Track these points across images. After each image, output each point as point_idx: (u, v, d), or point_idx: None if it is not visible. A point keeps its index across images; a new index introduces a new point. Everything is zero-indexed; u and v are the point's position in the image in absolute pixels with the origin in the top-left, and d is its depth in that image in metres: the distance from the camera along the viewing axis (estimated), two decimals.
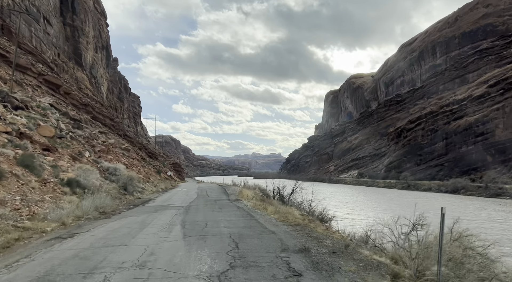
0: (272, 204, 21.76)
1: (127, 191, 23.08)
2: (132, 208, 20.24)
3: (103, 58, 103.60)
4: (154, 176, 44.16)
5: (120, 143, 42.01)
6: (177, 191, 36.37)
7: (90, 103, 54.15)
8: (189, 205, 21.91)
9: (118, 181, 22.61)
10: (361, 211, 41.61)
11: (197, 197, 28.24)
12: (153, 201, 24.22)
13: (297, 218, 15.68)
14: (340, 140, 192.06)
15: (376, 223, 17.45)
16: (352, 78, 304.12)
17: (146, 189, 30.74)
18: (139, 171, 36.07)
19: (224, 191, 34.58)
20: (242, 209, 20.27)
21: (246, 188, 36.98)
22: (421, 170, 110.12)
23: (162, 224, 14.30)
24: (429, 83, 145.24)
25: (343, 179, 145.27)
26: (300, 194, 25.30)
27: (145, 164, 49.53)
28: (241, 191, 29.72)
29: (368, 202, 55.90)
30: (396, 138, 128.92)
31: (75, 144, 21.62)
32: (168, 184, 45.33)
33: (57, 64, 64.98)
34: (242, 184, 39.16)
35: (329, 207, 25.25)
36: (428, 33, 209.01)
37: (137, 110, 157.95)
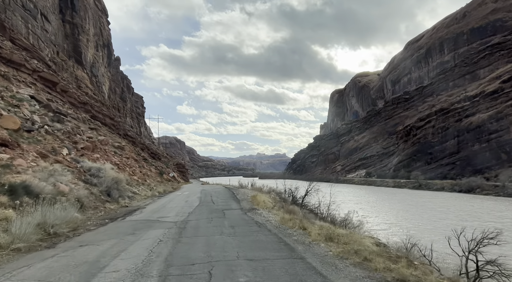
0: (300, 215, 16.67)
1: (111, 196, 18.89)
2: (106, 223, 14.62)
3: (105, 56, 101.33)
4: (153, 178, 40.92)
5: (115, 141, 38.84)
6: (177, 196, 30.92)
7: (89, 102, 51.92)
8: (186, 220, 15.46)
9: (101, 184, 18.54)
10: (388, 214, 38.99)
11: (199, 204, 21.96)
12: (141, 210, 18.91)
13: (378, 255, 8.62)
14: (347, 139, 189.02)
15: (419, 231, 14.60)
16: (357, 76, 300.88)
17: (139, 193, 26.45)
18: (133, 172, 32.89)
19: (232, 195, 28.60)
20: (266, 227, 13.29)
21: (257, 191, 32.87)
22: (432, 169, 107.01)
23: (123, 274, 7.49)
24: (438, 80, 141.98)
25: (350, 179, 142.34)
26: (316, 196, 22.75)
27: (147, 164, 47.22)
28: (254, 196, 24.05)
29: (387, 204, 53.17)
30: (405, 136, 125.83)
31: (49, 139, 18.87)
32: (168, 187, 41.39)
33: (56, 62, 62.86)
34: (250, 185, 36.35)
35: (349, 209, 22.59)
36: (435, 30, 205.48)
37: (140, 110, 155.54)
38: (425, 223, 32.80)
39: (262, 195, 25.78)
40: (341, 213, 21.42)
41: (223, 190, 37.47)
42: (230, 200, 25.23)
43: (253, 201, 22.36)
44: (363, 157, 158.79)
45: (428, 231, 27.09)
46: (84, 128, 29.74)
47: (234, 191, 33.12)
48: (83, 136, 24.94)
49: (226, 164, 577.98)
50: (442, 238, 23.08)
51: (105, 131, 43.98)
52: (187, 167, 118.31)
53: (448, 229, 31.02)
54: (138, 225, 14.05)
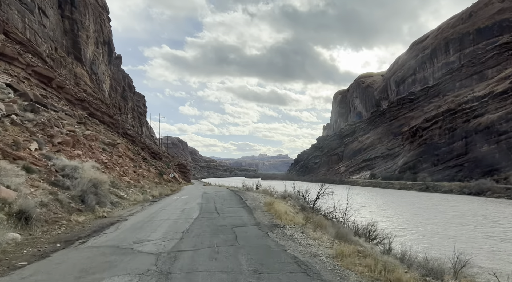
0: (352, 240, 11.83)
1: (86, 203, 14.74)
2: (52, 251, 9.33)
3: (105, 54, 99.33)
4: (151, 179, 38.28)
5: (108, 137, 36.18)
6: (173, 201, 25.23)
7: (87, 99, 50.00)
8: (176, 250, 9.71)
9: (74, 187, 14.75)
10: (402, 219, 36.77)
11: (199, 215, 16.36)
12: (118, 225, 13.62)
13: None
14: (351, 140, 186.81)
15: (443, 239, 12.61)
16: (361, 77, 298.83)
17: (127, 198, 22.07)
18: (124, 172, 29.41)
19: (240, 201, 23.42)
20: (320, 275, 7.41)
21: (267, 194, 28.55)
22: (439, 171, 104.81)
23: None
24: (444, 81, 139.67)
25: (355, 180, 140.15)
26: (330, 200, 20.74)
27: (146, 164, 45.28)
28: (270, 204, 18.98)
29: (398, 207, 50.97)
30: (411, 137, 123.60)
31: (16, 130, 16.33)
32: (166, 189, 37.33)
33: (54, 59, 61.02)
34: (255, 186, 34.02)
35: (360, 213, 20.54)
36: (441, 30, 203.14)
37: (142, 110, 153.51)
38: (444, 228, 30.72)
39: (279, 202, 20.58)
40: (355, 217, 19.39)
41: (227, 193, 31.98)
42: (238, 208, 19.74)
43: (270, 210, 17.47)
44: (367, 158, 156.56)
45: (452, 238, 24.97)
46: (69, 121, 27.10)
47: (240, 195, 28.61)
48: (62, 129, 21.77)
49: (228, 164, 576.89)
50: (478, 250, 21.11)
51: (101, 129, 42.09)
52: (188, 167, 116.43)
53: (472, 236, 29.04)
54: (95, 262, 8.31)
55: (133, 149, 49.92)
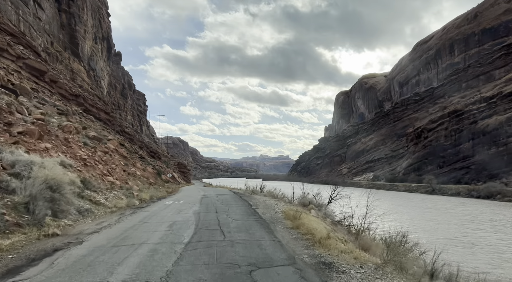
0: None
1: (32, 213, 10.44)
2: None
3: (104, 50, 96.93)
4: (144, 179, 34.52)
5: (96, 131, 33.03)
6: (164, 207, 19.90)
7: (82, 94, 47.83)
8: None
9: (22, 190, 10.80)
10: (417, 225, 34.47)
11: (193, 237, 10.88)
12: (54, 258, 8.14)
13: None
14: (353, 141, 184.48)
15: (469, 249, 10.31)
16: (364, 78, 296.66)
17: (104, 204, 17.44)
18: (109, 171, 25.16)
19: (249, 209, 18.15)
20: None
21: (279, 199, 23.69)
22: (444, 173, 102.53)
23: None
24: (450, 81, 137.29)
25: (358, 182, 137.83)
26: (339, 203, 18.55)
27: (143, 163, 43.12)
28: (296, 218, 13.70)
29: (408, 211, 48.63)
30: (416, 139, 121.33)
31: None
32: (161, 190, 33.24)
33: (50, 53, 58.88)
34: (259, 188, 31.41)
35: (374, 218, 18.33)
36: (445, 31, 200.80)
37: (142, 108, 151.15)
38: (461, 234, 28.48)
39: (307, 215, 15.15)
40: (372, 224, 17.17)
41: (231, 196, 26.92)
42: (250, 221, 14.15)
43: (299, 227, 12.14)
44: (370, 159, 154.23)
45: (473, 247, 22.73)
46: (51, 111, 24.25)
47: (247, 199, 23.55)
48: (27, 116, 18.71)
49: (229, 165, 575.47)
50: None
51: (97, 126, 39.89)
52: (189, 167, 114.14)
53: (493, 243, 26.80)
54: None
55: (130, 147, 47.74)
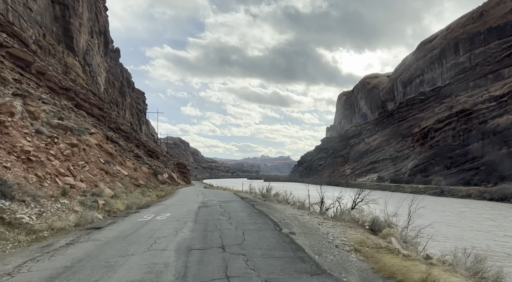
0: None
1: None
2: None
3: (101, 45, 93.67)
4: (129, 180, 29.51)
5: (76, 123, 29.16)
6: (132, 230, 12.92)
7: (74, 88, 44.77)
8: None
9: None
10: (446, 234, 31.30)
11: None
12: None
13: None
14: (357, 142, 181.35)
15: None
16: (366, 78, 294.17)
17: (29, 224, 11.05)
18: (70, 170, 19.28)
19: (279, 235, 11.59)
20: None
21: (321, 215, 16.61)
22: (452, 174, 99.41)
23: None
24: (457, 80, 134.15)
25: (362, 183, 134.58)
26: (369, 209, 15.52)
27: (138, 162, 40.10)
28: (393, 268, 7.42)
29: (424, 213, 45.42)
30: (422, 139, 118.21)
31: None
32: (149, 195, 27.96)
33: (42, 46, 55.88)
34: (265, 189, 27.84)
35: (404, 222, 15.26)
36: (450, 30, 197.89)
37: (142, 107, 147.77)
38: (493, 242, 25.35)
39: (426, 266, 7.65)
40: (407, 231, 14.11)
41: (240, 206, 20.26)
42: (283, 256, 8.73)
43: None
44: (374, 160, 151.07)
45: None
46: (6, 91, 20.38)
47: (267, 212, 16.73)
48: None
49: (230, 165, 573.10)
50: None
51: (81, 120, 36.81)
52: (188, 167, 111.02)
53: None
54: None
55: (125, 145, 44.71)
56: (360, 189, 17.42)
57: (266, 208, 17.74)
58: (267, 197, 25.28)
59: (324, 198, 18.79)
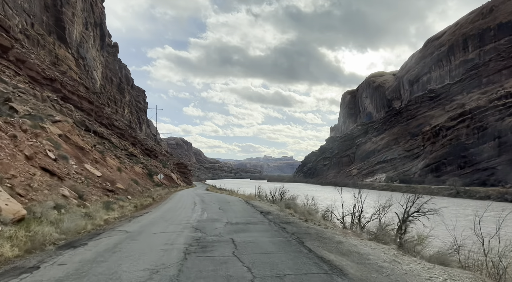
0: None
1: None
2: None
3: (97, 37, 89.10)
4: (94, 184, 22.39)
5: (31, 103, 24.56)
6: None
7: (60, 79, 40.54)
8: None
9: None
10: None
11: None
12: None
13: None
14: (363, 141, 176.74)
15: None
16: (372, 77, 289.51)
17: None
18: None
19: None
20: None
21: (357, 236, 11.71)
22: (466, 174, 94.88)
23: None
24: (468, 77, 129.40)
25: (370, 184, 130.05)
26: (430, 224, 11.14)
27: (130, 162, 35.89)
28: None
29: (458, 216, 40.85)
30: (433, 138, 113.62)
31: None
32: (122, 206, 20.67)
33: (29, 36, 51.71)
34: (277, 194, 23.00)
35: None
36: (458, 26, 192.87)
37: (142, 105, 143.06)
38: None
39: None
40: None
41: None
42: None
43: None
44: (382, 160, 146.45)
45: None
46: None
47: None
48: None
49: (233, 166, 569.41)
50: None
51: (76, 117, 32.69)
52: (189, 168, 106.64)
53: None
54: None
55: (119, 143, 40.48)
56: (416, 195, 13.03)
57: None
58: (305, 214, 15.84)
59: (351, 204, 14.25)
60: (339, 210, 15.84)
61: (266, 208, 20.99)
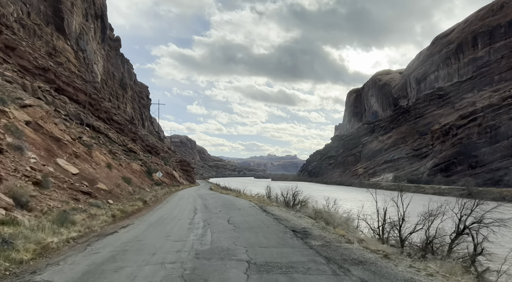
0: None
1: None
2: None
3: (97, 30, 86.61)
4: (55, 186, 16.68)
5: None
6: None
7: (54, 69, 38.13)
8: None
9: None
10: None
11: None
12: None
13: None
14: (369, 140, 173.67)
15: None
16: (378, 75, 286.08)
17: None
18: None
19: None
20: None
21: None
22: (477, 174, 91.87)
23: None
24: (480, 74, 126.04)
25: (377, 183, 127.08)
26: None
27: (129, 158, 33.51)
28: None
29: None
30: (443, 136, 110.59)
31: None
32: (92, 216, 15.51)
33: (25, 25, 49.48)
34: (291, 194, 19.64)
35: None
36: (468, 23, 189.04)
37: (145, 102, 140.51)
38: None
39: None
40: None
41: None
42: None
43: None
44: (389, 159, 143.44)
45: None
46: None
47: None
48: None
49: (236, 164, 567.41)
50: None
51: (71, 110, 30.33)
52: (193, 165, 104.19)
53: None
54: None
55: (117, 138, 38.08)
56: (476, 200, 10.46)
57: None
58: (348, 229, 10.83)
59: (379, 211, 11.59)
60: (369, 217, 13.24)
61: (295, 221, 15.10)
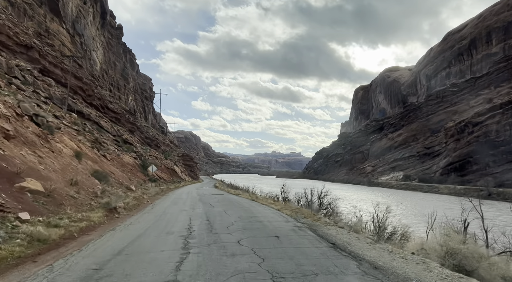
0: None
1: None
2: None
3: (96, 15, 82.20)
4: None
5: None
6: None
7: (39, 48, 33.86)
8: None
9: None
10: None
11: None
12: None
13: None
14: (378, 137, 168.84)
15: None
16: (386, 71, 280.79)
17: None
18: None
19: None
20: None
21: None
22: (496, 174, 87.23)
23: None
24: (497, 70, 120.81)
25: (386, 182, 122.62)
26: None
27: (121, 150, 29.43)
28: None
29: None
30: (458, 134, 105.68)
31: None
32: None
33: (14, 4, 45.47)
34: (315, 195, 15.37)
35: None
36: (482, 18, 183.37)
37: (148, 94, 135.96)
38: None
39: None
40: None
41: None
42: None
43: None
44: (399, 157, 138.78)
45: None
46: None
47: None
48: None
49: (241, 161, 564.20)
50: None
51: (56, 93, 26.26)
52: (196, 160, 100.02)
53: None
54: None
55: (110, 127, 33.91)
56: None
57: None
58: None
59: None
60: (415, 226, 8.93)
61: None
